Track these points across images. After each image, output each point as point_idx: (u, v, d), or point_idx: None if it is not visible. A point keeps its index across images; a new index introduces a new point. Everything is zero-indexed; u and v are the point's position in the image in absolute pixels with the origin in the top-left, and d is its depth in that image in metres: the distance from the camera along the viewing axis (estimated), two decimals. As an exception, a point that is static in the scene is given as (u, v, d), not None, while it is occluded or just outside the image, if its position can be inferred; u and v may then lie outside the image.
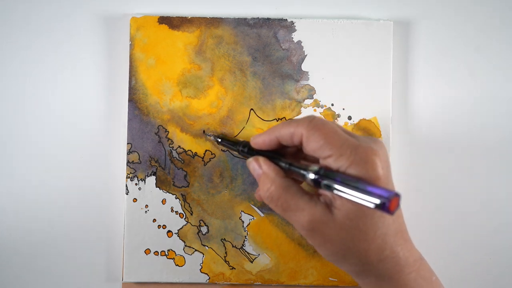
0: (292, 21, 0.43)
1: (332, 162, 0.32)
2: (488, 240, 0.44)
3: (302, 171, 0.33)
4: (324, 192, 0.33)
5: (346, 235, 0.32)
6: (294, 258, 0.43)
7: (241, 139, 0.41)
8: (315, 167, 0.33)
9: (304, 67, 0.43)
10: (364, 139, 0.33)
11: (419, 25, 0.44)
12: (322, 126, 0.32)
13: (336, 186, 0.31)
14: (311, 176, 0.33)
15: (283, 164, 0.35)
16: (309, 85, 0.43)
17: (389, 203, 0.28)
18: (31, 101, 0.44)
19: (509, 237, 0.44)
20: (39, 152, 0.44)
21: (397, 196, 0.29)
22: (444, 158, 0.44)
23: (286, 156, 0.36)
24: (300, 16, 0.44)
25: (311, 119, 0.33)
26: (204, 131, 0.43)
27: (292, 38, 0.43)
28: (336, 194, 0.31)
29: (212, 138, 0.42)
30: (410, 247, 0.34)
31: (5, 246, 0.44)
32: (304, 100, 0.43)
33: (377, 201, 0.29)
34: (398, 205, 0.29)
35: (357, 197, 0.30)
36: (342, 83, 0.43)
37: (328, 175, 0.32)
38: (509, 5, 0.44)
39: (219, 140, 0.42)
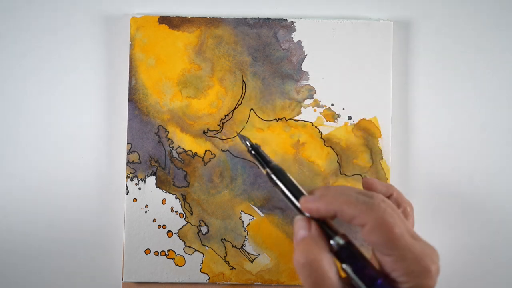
0: (292, 21, 0.43)
1: (388, 263, 0.30)
2: (488, 240, 0.44)
3: (331, 239, 0.31)
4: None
5: None
6: (294, 258, 0.43)
7: (274, 162, 0.35)
8: (340, 240, 0.31)
9: (304, 67, 0.43)
10: (424, 245, 0.30)
11: (419, 25, 0.44)
12: (392, 226, 0.30)
13: (352, 274, 0.30)
14: (334, 247, 0.31)
15: (333, 242, 0.31)
16: (309, 85, 0.43)
17: None
18: (31, 101, 0.44)
19: (509, 237, 0.44)
20: (39, 152, 0.44)
21: None
22: (444, 157, 0.44)
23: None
24: (300, 16, 0.44)
25: (379, 211, 0.30)
26: (238, 133, 0.42)
27: (292, 38, 0.43)
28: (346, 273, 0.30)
29: (247, 143, 0.36)
30: None
31: (5, 246, 0.44)
32: (304, 100, 0.43)
33: None
34: None
35: None
36: (342, 83, 0.43)
37: (352, 257, 0.30)
38: (509, 5, 0.44)
39: (252, 152, 0.36)
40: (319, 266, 0.30)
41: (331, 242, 0.31)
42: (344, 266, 0.31)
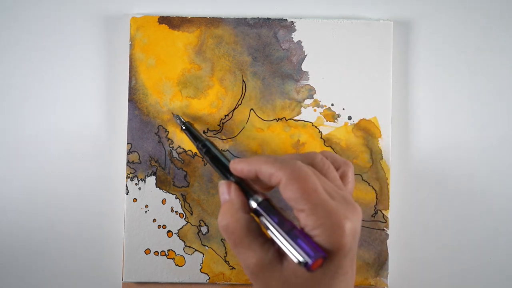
0: (292, 21, 0.43)
1: (302, 217, 0.30)
2: (488, 240, 0.44)
3: (249, 197, 0.33)
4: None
5: None
6: (294, 258, 0.43)
7: (204, 136, 0.40)
8: (258, 198, 0.33)
9: (304, 67, 0.43)
10: (343, 202, 0.31)
11: (419, 25, 0.44)
12: (303, 178, 0.31)
13: (269, 225, 0.31)
14: (253, 205, 0.33)
15: (252, 201, 0.33)
16: (309, 85, 0.43)
17: (312, 263, 0.29)
18: (31, 101, 0.44)
19: (509, 237, 0.44)
20: (39, 152, 0.44)
21: (323, 257, 0.29)
22: (444, 157, 0.44)
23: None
24: (300, 16, 0.44)
25: (294, 167, 0.31)
26: (172, 112, 0.43)
27: (292, 38, 0.43)
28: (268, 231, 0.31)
29: (178, 122, 0.41)
30: None
31: (5, 246, 0.44)
32: (304, 100, 0.43)
33: (301, 258, 0.29)
34: (321, 265, 0.29)
35: (284, 246, 0.30)
36: (342, 83, 0.43)
37: (268, 211, 0.32)
38: (509, 5, 0.44)
39: (183, 127, 0.41)
40: (236, 227, 0.32)
41: (250, 201, 0.33)
42: (261, 219, 0.32)
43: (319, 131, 0.43)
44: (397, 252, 0.43)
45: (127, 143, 0.43)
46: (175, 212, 0.43)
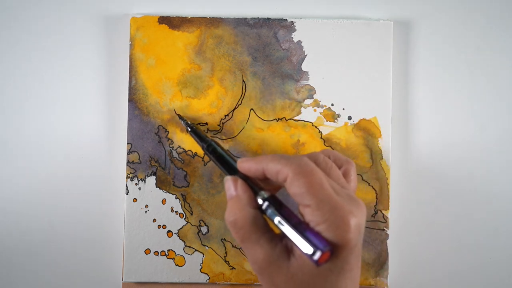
0: (292, 21, 0.43)
1: (308, 213, 0.30)
2: (488, 240, 0.44)
3: (256, 193, 0.33)
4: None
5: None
6: (294, 258, 0.43)
7: (209, 137, 0.40)
8: (265, 194, 0.33)
9: (304, 67, 0.43)
10: (347, 198, 0.31)
11: (419, 25, 0.44)
12: (309, 174, 0.31)
13: (278, 219, 0.31)
14: (259, 201, 0.33)
15: (259, 196, 0.33)
16: (309, 85, 0.43)
17: (319, 256, 0.29)
18: (31, 101, 0.44)
19: (509, 237, 0.44)
20: (39, 152, 0.44)
21: (330, 251, 0.29)
22: (444, 157, 0.44)
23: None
24: (300, 16, 0.44)
25: (300, 163, 0.31)
26: (175, 111, 0.43)
27: (292, 38, 0.43)
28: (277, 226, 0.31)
29: (183, 123, 0.42)
30: None
31: (5, 246, 0.44)
32: (304, 100, 0.43)
33: (310, 250, 0.29)
34: (327, 259, 0.29)
35: (294, 238, 0.30)
36: (342, 83, 0.43)
37: (275, 205, 0.32)
38: (509, 5, 0.44)
39: (189, 129, 0.41)
40: (244, 222, 0.32)
41: (257, 198, 0.33)
42: (269, 214, 0.32)
43: (319, 131, 0.43)
44: (397, 252, 0.43)
45: (127, 143, 0.43)
46: (175, 212, 0.43)
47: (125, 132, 0.43)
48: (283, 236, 0.32)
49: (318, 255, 0.29)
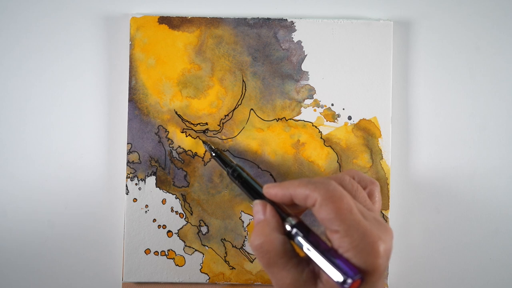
0: (292, 21, 0.43)
1: (336, 239, 0.30)
2: (488, 240, 0.44)
3: (284, 219, 0.33)
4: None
5: None
6: (294, 258, 0.43)
7: (234, 162, 0.40)
8: (292, 220, 0.33)
9: (304, 67, 0.43)
10: (375, 223, 0.31)
11: (419, 25, 0.44)
12: (338, 199, 0.31)
13: (308, 246, 0.31)
14: (287, 227, 0.33)
15: (287, 223, 0.33)
16: (309, 85, 0.43)
17: (350, 284, 0.29)
18: (31, 101, 0.44)
19: (509, 237, 0.44)
20: (39, 152, 0.44)
21: (360, 279, 0.29)
22: (444, 157, 0.44)
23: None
24: (300, 16, 0.44)
25: (328, 188, 0.31)
26: (199, 137, 0.43)
27: (292, 38, 0.43)
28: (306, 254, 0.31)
29: (206, 148, 0.42)
30: None
31: (5, 246, 0.44)
32: (304, 100, 0.43)
33: (341, 278, 0.29)
34: (358, 287, 0.29)
35: (324, 265, 0.30)
36: (342, 83, 0.43)
37: (303, 232, 0.32)
38: (509, 5, 0.44)
39: (213, 154, 0.41)
40: (270, 247, 0.32)
41: (285, 224, 0.33)
42: (298, 240, 0.32)
43: (319, 131, 0.43)
44: (397, 252, 0.43)
45: (127, 143, 0.43)
46: (175, 212, 0.43)
47: (125, 132, 0.43)
48: (309, 261, 0.32)
49: (349, 283, 0.29)
